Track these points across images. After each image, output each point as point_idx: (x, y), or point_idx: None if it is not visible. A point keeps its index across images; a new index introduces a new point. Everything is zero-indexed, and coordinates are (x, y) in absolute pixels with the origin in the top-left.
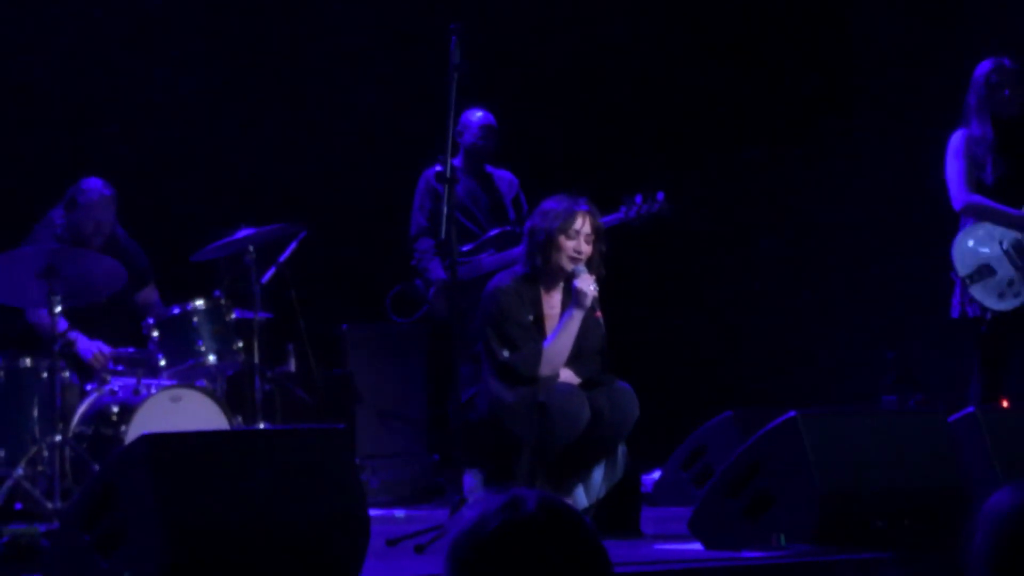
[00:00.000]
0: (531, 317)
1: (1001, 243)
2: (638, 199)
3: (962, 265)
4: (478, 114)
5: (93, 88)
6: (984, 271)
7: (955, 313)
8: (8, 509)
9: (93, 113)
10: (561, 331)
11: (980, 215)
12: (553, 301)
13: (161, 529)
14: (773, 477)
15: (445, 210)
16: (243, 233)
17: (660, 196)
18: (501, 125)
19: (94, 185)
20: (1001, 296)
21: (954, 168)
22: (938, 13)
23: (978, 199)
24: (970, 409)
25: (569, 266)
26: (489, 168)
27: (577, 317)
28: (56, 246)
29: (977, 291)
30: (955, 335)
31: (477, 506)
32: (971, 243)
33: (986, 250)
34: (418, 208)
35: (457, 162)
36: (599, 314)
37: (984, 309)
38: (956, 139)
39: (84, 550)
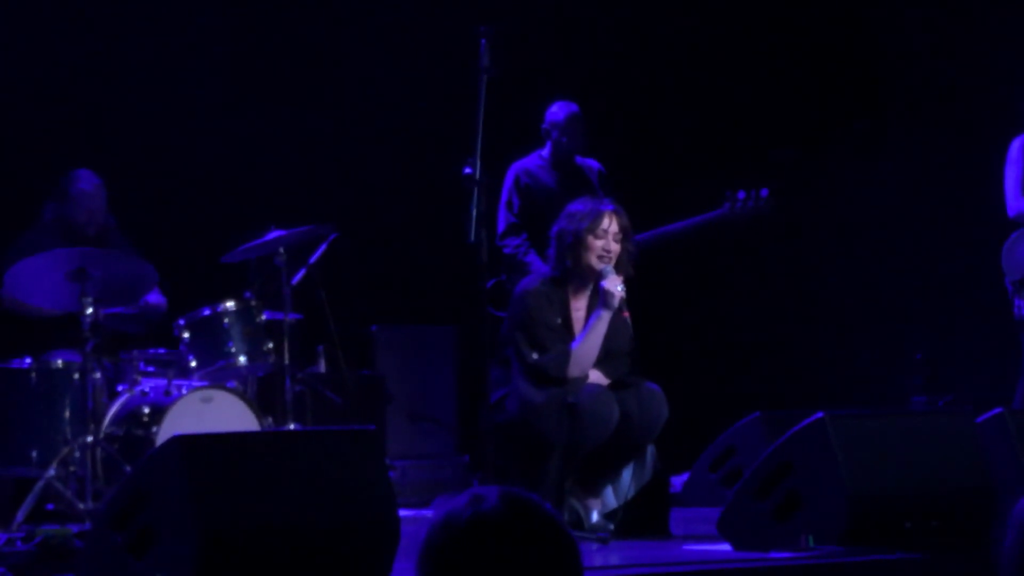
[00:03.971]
0: (559, 319)
1: None
2: (740, 195)
3: (1011, 270)
4: (564, 110)
5: (121, 88)
6: None
7: (1016, 315)
8: (40, 510)
9: (121, 113)
10: (589, 332)
11: None
12: (580, 303)
13: (193, 530)
14: (802, 478)
15: (474, 212)
16: (274, 235)
17: (764, 193)
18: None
19: (84, 174)
20: None
21: (1009, 175)
22: (968, 11)
23: None
24: (998, 410)
25: (598, 265)
26: (578, 160)
27: (605, 318)
28: (86, 248)
29: None
30: (987, 336)
31: (442, 508)
32: (1020, 248)
33: None
34: (505, 204)
35: (546, 155)
36: (627, 315)
37: None
38: (1015, 145)
39: (116, 551)
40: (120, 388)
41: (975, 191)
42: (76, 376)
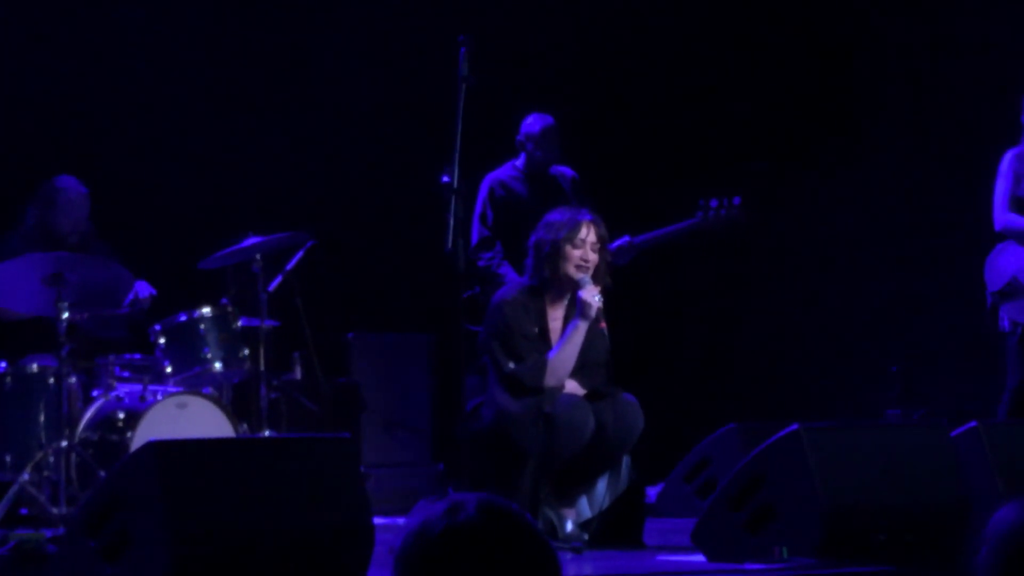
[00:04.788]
0: (536, 329)
1: None
2: (713, 203)
3: (992, 281)
4: (539, 123)
5: (99, 94)
6: (1015, 286)
7: (999, 327)
8: (14, 514)
9: (99, 119)
10: (566, 342)
11: (1016, 238)
12: (557, 313)
13: (166, 535)
14: (776, 490)
15: (452, 221)
16: (250, 241)
17: (736, 201)
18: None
19: (71, 183)
20: None
21: (997, 188)
22: (944, 25)
23: (1014, 222)
24: (972, 423)
25: (576, 275)
26: (552, 168)
27: (582, 328)
28: (62, 252)
29: (1009, 307)
30: (962, 349)
31: (419, 515)
32: (1001, 260)
33: (1016, 265)
34: (479, 217)
35: (520, 165)
36: (603, 325)
37: (1015, 324)
38: (1005, 159)
39: (89, 556)
40: (95, 393)
41: (951, 205)
42: (51, 381)
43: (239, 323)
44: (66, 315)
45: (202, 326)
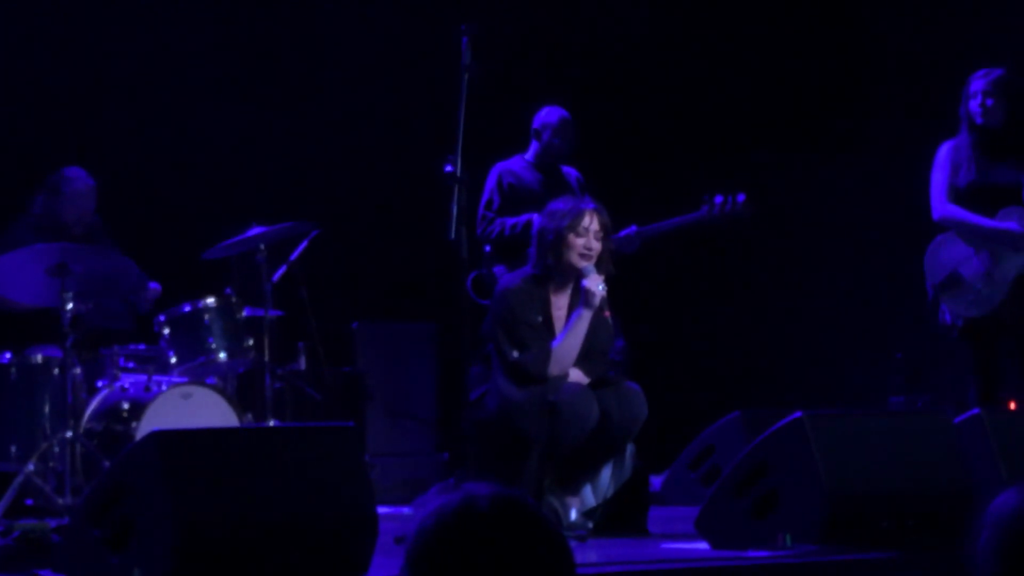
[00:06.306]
0: (540, 318)
1: (973, 251)
2: (718, 199)
3: (932, 275)
4: (556, 113)
5: (104, 84)
6: (955, 279)
7: (940, 320)
8: (19, 504)
9: (104, 109)
10: (570, 331)
11: (955, 228)
12: (561, 302)
13: (171, 525)
14: (780, 477)
15: (455, 210)
16: (254, 231)
17: (741, 198)
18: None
19: (79, 174)
20: (972, 303)
21: (935, 179)
22: (951, 14)
23: (952, 212)
24: (975, 411)
25: (580, 263)
26: (559, 165)
27: (586, 317)
28: (67, 243)
29: (949, 300)
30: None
31: (432, 509)
32: (942, 253)
33: (956, 258)
34: (485, 204)
35: (529, 157)
36: (608, 314)
37: (955, 316)
38: (942, 149)
39: (94, 546)
40: (100, 384)
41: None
42: (56, 371)
43: (243, 313)
44: (70, 306)
45: (206, 316)
